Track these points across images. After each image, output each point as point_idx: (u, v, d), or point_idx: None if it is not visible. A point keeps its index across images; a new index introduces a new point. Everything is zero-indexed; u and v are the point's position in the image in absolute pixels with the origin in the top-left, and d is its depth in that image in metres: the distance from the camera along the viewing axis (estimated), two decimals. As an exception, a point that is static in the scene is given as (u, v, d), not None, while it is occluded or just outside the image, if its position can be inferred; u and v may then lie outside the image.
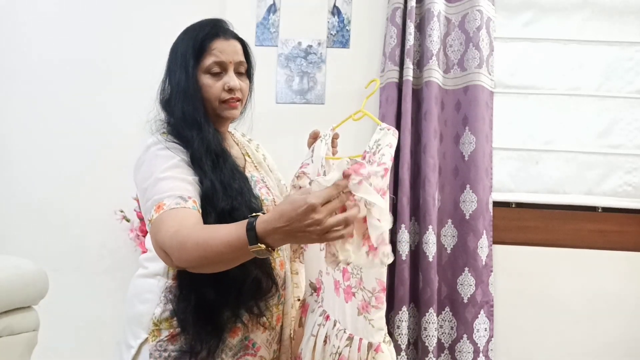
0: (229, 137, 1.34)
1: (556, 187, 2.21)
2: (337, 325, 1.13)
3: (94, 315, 2.24)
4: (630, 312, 2.11)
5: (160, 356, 1.13)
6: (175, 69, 1.19)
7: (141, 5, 2.29)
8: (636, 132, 2.20)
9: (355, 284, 1.10)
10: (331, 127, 1.33)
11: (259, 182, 1.26)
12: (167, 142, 1.14)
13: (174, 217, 1.03)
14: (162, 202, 1.05)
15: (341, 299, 1.14)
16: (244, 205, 1.10)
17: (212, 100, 1.20)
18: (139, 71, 2.18)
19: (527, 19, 2.24)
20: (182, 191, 1.06)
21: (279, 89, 2.23)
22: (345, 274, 1.13)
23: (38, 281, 1.71)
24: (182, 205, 1.04)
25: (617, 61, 2.21)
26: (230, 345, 1.16)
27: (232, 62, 1.21)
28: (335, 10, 2.25)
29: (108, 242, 2.24)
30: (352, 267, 1.11)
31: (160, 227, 1.03)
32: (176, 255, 1.00)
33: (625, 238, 2.14)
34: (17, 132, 2.31)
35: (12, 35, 2.33)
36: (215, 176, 1.11)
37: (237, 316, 1.13)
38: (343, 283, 1.13)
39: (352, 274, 1.11)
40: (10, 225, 2.28)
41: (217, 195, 1.09)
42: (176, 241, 0.99)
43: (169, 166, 1.10)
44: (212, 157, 1.13)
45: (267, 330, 1.21)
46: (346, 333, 1.10)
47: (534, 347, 2.13)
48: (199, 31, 1.21)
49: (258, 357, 1.20)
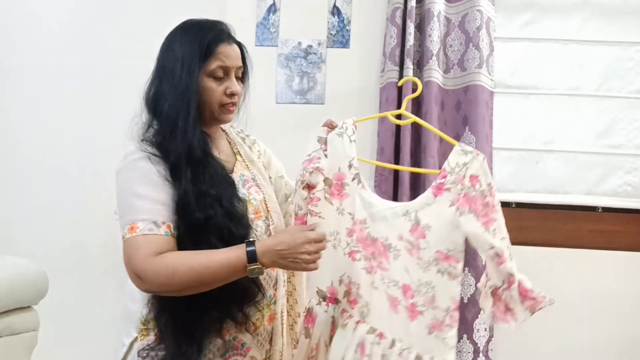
0: (220, 137, 1.32)
1: (556, 187, 2.21)
2: (398, 344, 1.10)
3: (94, 315, 2.23)
4: (630, 312, 2.11)
5: (147, 355, 1.14)
6: (175, 68, 1.16)
7: (141, 5, 2.29)
8: (636, 132, 2.20)
9: (423, 302, 1.09)
10: (352, 120, 1.27)
11: (248, 181, 1.26)
12: (146, 152, 1.13)
13: (146, 245, 1.06)
14: (135, 224, 1.09)
15: (402, 317, 1.11)
16: (220, 213, 1.10)
17: (212, 103, 1.20)
18: (139, 71, 2.18)
19: (527, 19, 2.24)
20: (156, 215, 1.09)
21: (279, 89, 2.23)
22: (407, 292, 1.11)
23: (38, 281, 1.71)
24: (154, 232, 1.08)
25: (617, 61, 2.21)
26: (218, 345, 1.16)
27: (234, 67, 1.21)
28: (335, 10, 2.25)
29: (108, 242, 2.24)
30: (417, 285, 1.10)
31: (133, 252, 1.08)
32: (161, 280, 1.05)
33: (625, 238, 2.14)
34: (18, 132, 2.31)
35: (12, 35, 2.33)
36: (191, 186, 1.10)
37: (222, 318, 1.13)
38: (405, 301, 1.11)
39: (418, 292, 1.10)
40: (10, 225, 2.28)
41: (190, 207, 1.09)
42: (163, 266, 1.04)
43: (146, 182, 1.11)
44: (192, 166, 1.12)
45: (258, 330, 1.21)
46: (412, 353, 1.08)
47: (534, 347, 2.13)
48: (204, 33, 1.19)
49: (249, 358, 1.20)
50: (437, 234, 1.10)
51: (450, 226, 1.08)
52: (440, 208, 1.10)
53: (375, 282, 1.16)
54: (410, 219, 1.13)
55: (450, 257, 1.07)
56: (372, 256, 1.17)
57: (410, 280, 1.11)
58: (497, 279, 1.09)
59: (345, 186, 1.22)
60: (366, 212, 1.19)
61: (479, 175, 1.09)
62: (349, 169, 1.22)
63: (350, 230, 1.20)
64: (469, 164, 1.10)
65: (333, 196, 1.22)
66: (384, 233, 1.16)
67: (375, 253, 1.16)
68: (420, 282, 1.10)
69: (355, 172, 1.22)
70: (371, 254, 1.17)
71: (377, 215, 1.18)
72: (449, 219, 1.09)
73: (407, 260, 1.12)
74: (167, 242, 1.08)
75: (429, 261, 1.09)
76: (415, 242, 1.11)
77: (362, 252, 1.18)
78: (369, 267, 1.17)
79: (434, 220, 1.11)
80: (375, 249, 1.16)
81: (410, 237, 1.12)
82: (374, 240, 1.17)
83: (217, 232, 1.10)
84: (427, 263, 1.09)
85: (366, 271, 1.17)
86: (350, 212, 1.21)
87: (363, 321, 1.16)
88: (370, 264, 1.17)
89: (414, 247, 1.11)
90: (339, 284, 1.21)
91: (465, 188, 1.09)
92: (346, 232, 1.21)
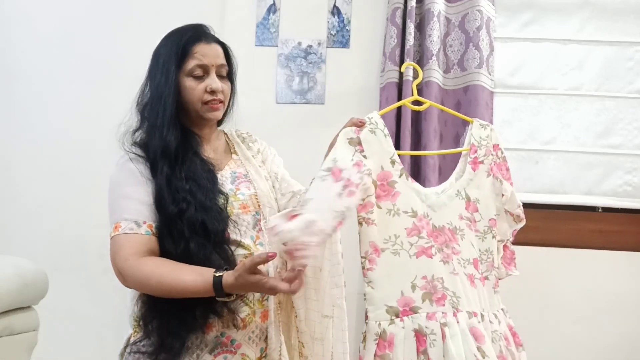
0: (217, 138, 1.36)
1: (556, 187, 2.21)
2: (485, 315, 1.18)
3: (94, 315, 2.23)
4: (630, 312, 2.11)
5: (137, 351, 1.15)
6: (156, 73, 1.23)
7: (141, 5, 2.29)
8: (636, 132, 2.20)
9: (486, 268, 1.23)
10: (377, 113, 1.22)
11: (239, 177, 1.29)
12: (131, 154, 1.21)
13: (129, 245, 1.12)
14: (119, 223, 1.16)
15: (479, 289, 1.21)
16: (194, 206, 1.14)
17: (194, 102, 1.24)
18: (138, 71, 2.18)
19: (527, 19, 2.24)
20: (137, 215, 1.15)
21: (279, 89, 2.23)
22: (477, 265, 1.21)
23: (38, 281, 1.71)
24: (134, 231, 1.14)
25: (617, 61, 2.21)
26: (206, 341, 1.16)
27: (214, 65, 1.24)
28: (335, 10, 2.25)
29: (108, 242, 2.24)
30: (479, 255, 1.22)
31: (116, 250, 1.14)
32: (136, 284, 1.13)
33: (625, 238, 2.14)
34: (18, 132, 2.31)
35: (12, 36, 2.33)
36: (165, 182, 1.15)
37: (209, 312, 1.13)
38: (477, 273, 1.21)
39: (481, 260, 1.23)
40: (10, 225, 2.28)
41: (164, 201, 1.14)
42: (139, 272, 1.10)
43: (131, 182, 1.18)
44: (168, 161, 1.17)
45: (248, 326, 1.19)
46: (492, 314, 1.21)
47: (534, 347, 2.12)
48: (181, 36, 1.24)
49: (239, 355, 1.19)
50: (485, 204, 1.25)
51: (492, 194, 1.25)
52: (481, 180, 1.25)
53: (455, 269, 1.17)
54: (462, 197, 1.24)
55: (495, 222, 1.25)
56: (445, 245, 1.19)
57: (477, 253, 1.22)
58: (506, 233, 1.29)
59: (394, 184, 1.17)
60: (425, 204, 1.20)
61: (499, 143, 1.29)
62: (393, 165, 1.18)
63: (413, 229, 1.16)
64: (490, 135, 1.28)
65: (380, 199, 1.16)
66: (448, 218, 1.22)
67: (447, 240, 1.20)
68: (481, 251, 1.22)
69: (400, 167, 1.18)
70: (443, 244, 1.18)
71: (436, 203, 1.22)
72: (490, 188, 1.25)
73: (470, 235, 1.22)
74: (148, 241, 1.14)
75: (485, 230, 1.23)
76: (472, 216, 1.23)
77: (435, 246, 1.16)
78: (445, 257, 1.18)
79: (479, 193, 1.24)
80: (445, 237, 1.20)
81: (467, 214, 1.23)
82: (442, 229, 1.20)
83: (191, 225, 1.12)
84: (484, 232, 1.23)
85: (443, 262, 1.17)
86: (407, 210, 1.17)
87: (458, 310, 1.13)
88: (444, 253, 1.18)
89: (472, 221, 1.23)
90: (412, 290, 1.12)
91: (494, 157, 1.27)
92: (406, 232, 1.15)
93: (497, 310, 1.22)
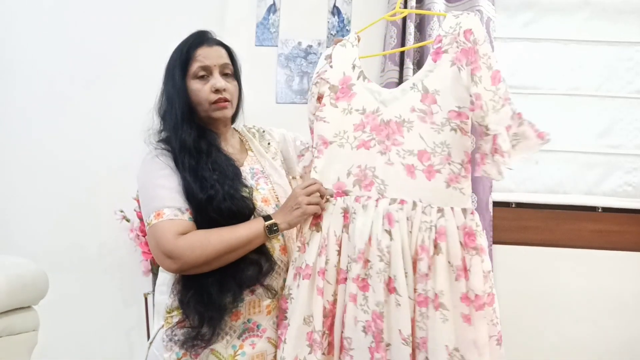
0: (232, 136, 1.41)
1: (556, 187, 2.21)
2: (420, 204, 1.17)
3: (94, 315, 2.24)
4: (631, 312, 2.11)
5: (171, 340, 1.22)
6: (167, 81, 1.31)
7: (141, 5, 2.29)
8: (636, 132, 2.20)
9: (439, 161, 1.17)
10: (355, 32, 1.37)
11: (257, 173, 1.36)
12: (159, 149, 1.27)
13: (174, 228, 1.18)
14: (161, 210, 1.20)
15: (420, 180, 1.19)
16: (220, 193, 1.21)
17: (202, 102, 1.29)
18: (138, 71, 2.18)
19: (527, 19, 2.24)
20: (179, 203, 1.21)
21: (279, 89, 2.23)
22: (423, 156, 1.19)
23: (38, 281, 1.71)
24: (179, 217, 1.20)
25: (617, 61, 2.21)
26: (235, 327, 1.24)
27: (216, 65, 1.30)
28: (335, 10, 2.25)
29: (108, 242, 2.25)
30: (433, 147, 1.18)
31: (163, 234, 1.18)
32: (197, 253, 1.16)
33: (625, 238, 2.14)
34: (18, 131, 2.31)
35: (12, 35, 2.33)
36: (190, 172, 1.22)
37: (237, 301, 1.21)
38: (421, 165, 1.19)
39: (434, 153, 1.18)
40: (10, 225, 2.28)
41: (192, 190, 1.21)
42: (196, 240, 1.17)
43: (164, 174, 1.23)
44: (190, 154, 1.24)
45: (272, 312, 1.28)
46: (434, 207, 1.15)
47: (534, 347, 2.13)
48: (184, 43, 1.32)
49: (265, 339, 1.27)
50: (446, 95, 1.18)
51: (455, 85, 1.16)
52: (443, 71, 1.18)
53: (390, 159, 1.22)
54: (418, 89, 1.21)
55: (461, 114, 1.16)
56: (386, 138, 1.23)
57: (426, 145, 1.19)
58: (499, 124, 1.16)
59: (352, 86, 1.30)
60: (377, 101, 1.27)
61: (472, 27, 1.16)
62: (353, 69, 1.30)
63: (359, 124, 1.27)
64: (462, 22, 1.17)
65: (339, 100, 1.30)
66: (397, 112, 1.23)
67: (389, 133, 1.23)
68: (435, 143, 1.18)
69: (359, 70, 1.29)
70: (385, 136, 1.24)
71: (387, 99, 1.25)
72: (453, 78, 1.16)
73: (421, 127, 1.20)
74: (191, 226, 1.20)
75: (443, 122, 1.17)
76: (428, 108, 1.19)
77: (376, 139, 1.25)
78: (384, 148, 1.23)
79: (440, 84, 1.18)
80: (389, 130, 1.24)
81: (422, 106, 1.20)
82: (388, 123, 1.24)
83: (219, 211, 1.20)
84: (441, 124, 1.18)
85: (381, 153, 1.24)
86: (359, 108, 1.28)
87: (382, 197, 1.21)
88: (384, 145, 1.24)
89: (427, 114, 1.19)
90: (347, 176, 1.26)
91: (461, 44, 1.16)
92: (353, 128, 1.28)
93: (450, 206, 1.14)
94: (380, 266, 1.15)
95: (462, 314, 1.10)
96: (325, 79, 1.32)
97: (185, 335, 1.19)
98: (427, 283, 1.12)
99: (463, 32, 1.16)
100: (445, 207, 1.15)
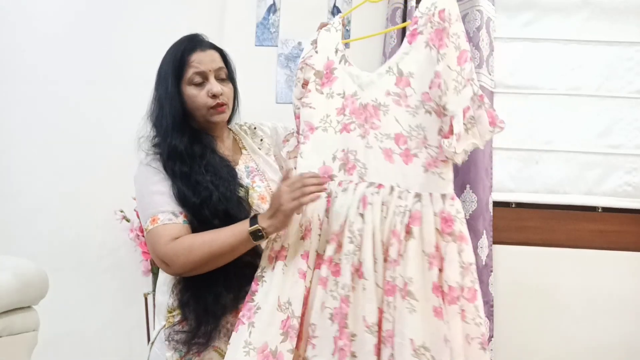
0: (227, 137, 1.42)
1: (556, 187, 2.21)
2: (397, 189, 1.14)
3: (94, 315, 2.24)
4: (631, 312, 2.11)
5: (172, 339, 1.24)
6: (159, 86, 1.31)
7: (141, 5, 2.29)
8: (636, 132, 2.20)
9: (416, 144, 1.15)
10: (339, 16, 1.37)
11: (253, 171, 1.38)
12: (150, 155, 1.28)
13: (168, 232, 1.20)
14: (156, 216, 1.22)
15: (398, 164, 1.16)
16: (215, 195, 1.22)
17: (200, 108, 1.30)
18: (138, 71, 2.18)
19: (527, 19, 2.24)
20: (173, 207, 1.23)
21: (279, 89, 2.23)
22: (399, 140, 1.17)
23: (38, 281, 1.71)
24: (173, 221, 1.22)
25: (617, 61, 2.21)
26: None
27: (211, 70, 1.30)
28: (335, 10, 2.25)
29: (108, 242, 2.25)
30: (409, 131, 1.15)
31: (157, 239, 1.21)
32: (181, 260, 1.18)
33: (625, 238, 2.14)
34: (18, 132, 2.31)
35: (12, 35, 2.33)
36: (181, 178, 1.23)
37: (238, 299, 1.22)
38: (398, 148, 1.17)
39: (410, 136, 1.15)
40: (10, 225, 2.28)
41: (185, 196, 1.22)
42: (181, 247, 1.18)
43: (157, 179, 1.25)
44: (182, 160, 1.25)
45: None
46: (411, 193, 1.13)
47: (534, 347, 2.13)
48: (177, 48, 1.31)
49: None
50: (420, 77, 1.14)
51: (429, 66, 1.12)
52: (418, 53, 1.15)
53: (369, 142, 1.20)
54: (393, 72, 1.19)
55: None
56: (365, 121, 1.22)
57: (401, 128, 1.17)
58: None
59: (334, 71, 1.29)
60: (355, 84, 1.25)
61: (446, 7, 1.11)
62: (336, 53, 1.29)
63: (341, 108, 1.26)
64: (437, 2, 1.13)
65: (324, 85, 1.29)
66: (373, 95, 1.21)
67: (367, 117, 1.22)
68: (411, 127, 1.15)
69: (342, 54, 1.28)
70: (364, 120, 1.22)
71: (365, 82, 1.24)
72: (427, 59, 1.13)
73: (396, 111, 1.18)
74: (186, 229, 1.22)
75: (417, 105, 1.14)
76: (402, 92, 1.17)
77: (355, 122, 1.24)
78: (363, 132, 1.22)
79: (414, 66, 1.15)
80: (366, 113, 1.22)
81: (396, 89, 1.18)
82: (365, 106, 1.22)
83: (214, 213, 1.21)
84: (416, 107, 1.15)
85: (361, 137, 1.22)
86: (340, 92, 1.27)
87: (362, 181, 1.20)
88: (363, 128, 1.22)
89: (401, 97, 1.17)
90: (332, 161, 1.25)
91: (435, 24, 1.12)
92: (336, 112, 1.27)
93: (428, 191, 1.11)
94: (349, 248, 1.12)
95: (433, 306, 1.04)
96: (311, 65, 1.30)
97: (187, 334, 1.21)
98: (395, 269, 1.07)
99: (438, 12, 1.12)
100: (423, 193, 1.11)
